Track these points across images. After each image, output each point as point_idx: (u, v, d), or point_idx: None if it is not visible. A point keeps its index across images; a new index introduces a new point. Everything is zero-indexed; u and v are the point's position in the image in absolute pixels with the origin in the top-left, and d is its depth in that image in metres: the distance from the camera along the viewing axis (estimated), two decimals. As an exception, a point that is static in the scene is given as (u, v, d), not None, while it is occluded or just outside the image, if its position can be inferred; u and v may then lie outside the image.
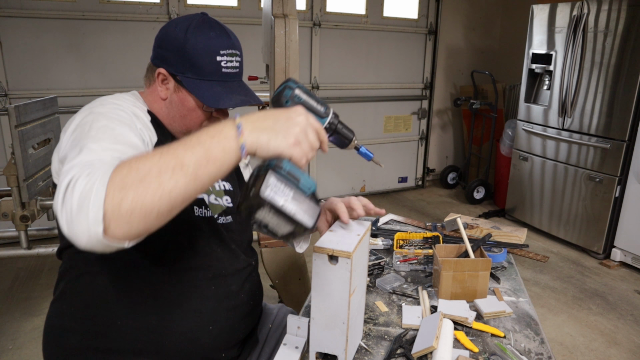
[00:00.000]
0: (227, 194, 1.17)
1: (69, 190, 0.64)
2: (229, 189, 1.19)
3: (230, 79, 1.03)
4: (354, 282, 0.92)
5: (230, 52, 1.01)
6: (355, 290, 0.95)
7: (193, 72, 0.99)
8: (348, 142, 0.97)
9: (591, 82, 3.39)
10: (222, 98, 0.98)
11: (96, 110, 0.89)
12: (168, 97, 1.04)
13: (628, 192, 3.30)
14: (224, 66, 1.00)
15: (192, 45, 0.98)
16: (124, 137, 0.83)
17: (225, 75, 1.01)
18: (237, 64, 1.04)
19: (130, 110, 0.95)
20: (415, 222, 1.89)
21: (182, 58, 0.98)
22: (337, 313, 0.91)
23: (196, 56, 0.98)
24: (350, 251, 0.87)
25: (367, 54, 4.52)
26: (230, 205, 1.15)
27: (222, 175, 0.70)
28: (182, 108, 1.03)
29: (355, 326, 1.01)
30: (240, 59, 1.05)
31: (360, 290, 1.02)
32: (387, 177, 5.02)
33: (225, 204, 1.15)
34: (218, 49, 0.99)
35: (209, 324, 1.03)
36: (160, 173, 0.64)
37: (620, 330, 2.62)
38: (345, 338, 0.93)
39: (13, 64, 3.23)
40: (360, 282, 1.01)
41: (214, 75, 1.00)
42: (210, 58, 0.98)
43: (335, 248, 0.88)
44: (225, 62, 1.00)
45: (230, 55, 1.01)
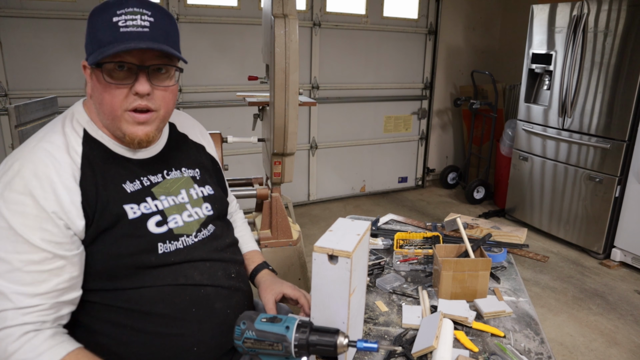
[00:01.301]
0: (206, 201, 1.10)
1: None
2: (210, 194, 1.12)
3: (135, 38, 0.88)
4: (354, 282, 0.92)
5: (131, 10, 0.88)
6: (355, 290, 0.95)
7: (97, 45, 0.88)
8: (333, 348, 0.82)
9: (591, 82, 3.39)
10: (106, 51, 0.86)
11: (1, 233, 0.83)
12: (91, 91, 0.94)
13: (628, 192, 3.30)
14: (122, 25, 0.87)
15: (94, 21, 0.89)
16: (26, 259, 0.83)
17: (125, 35, 0.87)
18: (144, 22, 0.89)
19: (49, 178, 0.86)
20: (415, 222, 1.89)
21: (89, 38, 0.91)
22: (337, 313, 0.91)
23: (96, 28, 0.89)
24: (350, 251, 0.87)
25: (367, 54, 4.52)
26: (210, 213, 1.09)
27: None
28: (98, 93, 0.92)
29: (355, 326, 1.01)
30: (153, 18, 0.90)
31: (360, 289, 1.02)
32: (387, 177, 5.02)
33: (205, 213, 1.08)
34: (114, 11, 0.88)
35: (193, 345, 1.00)
36: None
37: (620, 330, 2.62)
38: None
39: (13, 64, 3.23)
40: (360, 281, 1.01)
41: (112, 39, 0.87)
42: (107, 23, 0.87)
43: (335, 247, 0.88)
44: (124, 22, 0.87)
45: (132, 13, 0.88)
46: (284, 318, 0.84)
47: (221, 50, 3.85)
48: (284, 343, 0.81)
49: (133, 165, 1.00)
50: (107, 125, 0.96)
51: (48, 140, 0.92)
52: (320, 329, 0.83)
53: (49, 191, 0.86)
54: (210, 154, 1.22)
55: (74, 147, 0.93)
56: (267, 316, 0.84)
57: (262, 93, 2.68)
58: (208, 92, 3.88)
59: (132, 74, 0.90)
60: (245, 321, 0.83)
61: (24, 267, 0.83)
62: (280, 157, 2.10)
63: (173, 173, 1.07)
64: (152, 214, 0.98)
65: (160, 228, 0.98)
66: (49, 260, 0.85)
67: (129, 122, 0.94)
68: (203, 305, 1.01)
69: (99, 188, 0.92)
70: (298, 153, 3.73)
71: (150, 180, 1.01)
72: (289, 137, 2.00)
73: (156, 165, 1.04)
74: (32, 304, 0.84)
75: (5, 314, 0.82)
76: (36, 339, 0.83)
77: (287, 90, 1.90)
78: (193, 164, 1.13)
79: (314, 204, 4.57)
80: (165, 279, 0.98)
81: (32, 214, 0.84)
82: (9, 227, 0.83)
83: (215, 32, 3.79)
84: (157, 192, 1.01)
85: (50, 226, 0.85)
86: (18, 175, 0.85)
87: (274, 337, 0.81)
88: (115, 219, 0.92)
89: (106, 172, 0.95)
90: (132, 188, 0.97)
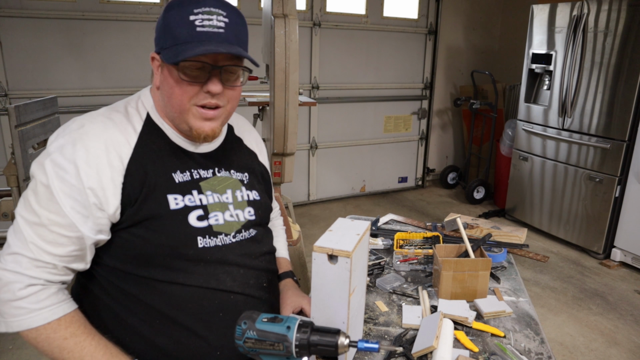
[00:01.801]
0: (250, 205, 1.10)
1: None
2: (255, 199, 1.12)
3: (211, 38, 0.91)
4: (354, 282, 0.92)
5: (208, 9, 0.90)
6: (355, 290, 0.94)
7: (170, 40, 0.91)
8: (334, 348, 0.82)
9: (591, 82, 3.39)
10: (181, 52, 0.88)
11: (39, 188, 0.88)
12: (160, 83, 0.97)
13: (628, 192, 3.30)
14: (198, 24, 0.90)
15: (170, 16, 0.92)
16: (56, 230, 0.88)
17: (201, 34, 0.90)
18: (219, 23, 0.91)
19: (92, 153, 0.89)
20: (415, 222, 1.89)
21: (163, 33, 0.93)
22: (337, 313, 0.91)
23: (172, 24, 0.91)
24: (350, 250, 0.87)
25: (367, 54, 4.52)
26: (252, 217, 1.09)
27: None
28: (169, 87, 0.94)
29: (355, 326, 1.01)
30: (228, 19, 0.92)
31: (360, 289, 1.02)
32: (387, 177, 5.02)
33: (247, 217, 1.08)
34: (191, 9, 0.90)
35: (216, 350, 1.00)
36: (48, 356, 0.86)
37: (620, 330, 2.62)
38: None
39: (13, 64, 3.23)
40: (360, 281, 1.01)
41: (189, 38, 0.90)
42: (184, 20, 0.90)
43: (335, 247, 0.88)
44: (200, 21, 0.90)
45: (208, 13, 0.90)
46: (285, 318, 0.84)
47: (221, 50, 3.85)
48: (285, 343, 0.81)
49: (187, 157, 1.02)
50: (172, 118, 0.99)
51: (108, 116, 0.96)
52: (321, 329, 0.83)
53: (93, 166, 0.89)
54: (262, 162, 1.22)
55: (134, 126, 0.97)
56: (268, 316, 0.84)
57: (262, 93, 2.69)
58: (208, 92, 3.88)
59: (205, 73, 0.93)
60: (246, 321, 0.83)
61: (49, 225, 0.87)
62: (280, 157, 2.10)
63: (223, 172, 1.08)
64: (194, 207, 0.99)
65: (200, 222, 0.99)
66: (72, 228, 0.89)
67: (197, 117, 0.96)
68: (231, 311, 1.01)
69: (149, 173, 0.94)
70: (298, 153, 3.73)
71: (200, 174, 1.03)
72: (289, 137, 2.00)
73: (209, 162, 1.06)
74: (45, 260, 0.88)
75: (21, 258, 0.87)
76: (41, 293, 0.88)
77: (287, 90, 1.90)
78: (243, 168, 1.14)
79: (314, 204, 4.57)
80: (197, 280, 0.98)
81: (70, 183, 0.88)
82: (47, 185, 0.87)
83: (215, 32, 3.79)
84: (204, 187, 1.02)
85: (83, 199, 0.89)
86: (71, 142, 0.90)
87: (275, 337, 0.81)
88: (157, 206, 0.94)
89: (159, 158, 0.97)
90: (182, 178, 0.99)
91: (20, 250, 0.87)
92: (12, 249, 0.88)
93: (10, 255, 0.88)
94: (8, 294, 0.86)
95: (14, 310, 0.86)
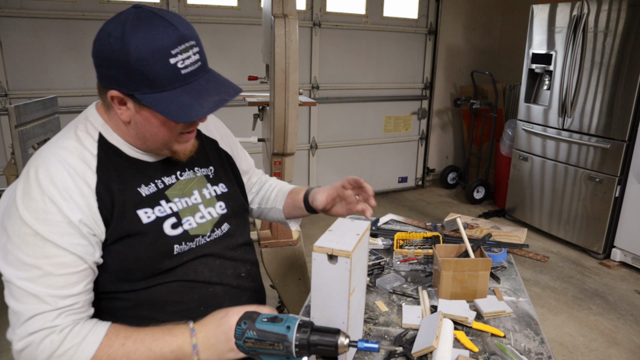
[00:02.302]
0: (220, 199, 1.10)
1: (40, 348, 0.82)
2: (223, 192, 1.12)
3: (194, 77, 0.87)
4: (354, 282, 0.92)
5: (184, 47, 0.84)
6: (355, 290, 0.95)
7: (149, 87, 0.84)
8: (334, 348, 0.82)
9: (591, 82, 3.39)
10: (192, 108, 0.85)
11: (28, 240, 0.83)
12: (131, 119, 0.91)
13: (628, 192, 3.30)
14: (181, 67, 0.84)
15: (136, 56, 0.81)
16: (57, 262, 0.85)
17: (186, 76, 0.86)
18: (196, 56, 0.86)
19: (65, 185, 0.86)
20: (415, 222, 1.89)
21: (130, 74, 0.83)
22: (336, 312, 0.91)
23: (145, 67, 0.82)
24: (350, 250, 0.87)
25: (367, 54, 4.53)
26: (224, 211, 1.09)
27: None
28: (151, 127, 0.90)
29: (355, 325, 1.01)
30: (199, 48, 0.87)
31: (360, 289, 1.02)
32: (387, 177, 5.02)
33: (219, 212, 1.08)
34: (168, 50, 0.82)
35: None
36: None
37: (620, 330, 2.62)
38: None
39: (13, 64, 3.23)
40: (360, 281, 1.01)
41: (174, 83, 0.85)
42: (163, 63, 0.82)
43: (335, 247, 0.88)
44: (181, 62, 0.84)
45: (185, 50, 0.84)
46: (285, 318, 0.84)
47: (221, 50, 3.85)
48: (284, 343, 0.81)
49: (147, 168, 1.00)
50: (152, 149, 0.97)
51: (61, 146, 0.91)
52: (321, 329, 0.83)
53: (69, 199, 0.86)
54: (224, 148, 1.19)
55: (90, 151, 0.93)
56: (268, 316, 0.84)
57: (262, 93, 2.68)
58: (208, 92, 3.88)
59: None
60: (246, 321, 0.83)
61: (55, 271, 0.84)
62: (280, 157, 2.10)
63: (186, 173, 1.07)
64: (167, 217, 0.98)
65: (175, 230, 0.99)
66: (77, 262, 0.87)
67: (181, 142, 0.97)
68: (211, 304, 1.02)
69: (115, 192, 0.92)
70: (298, 153, 3.73)
71: (164, 183, 1.02)
72: (289, 137, 1.99)
73: (170, 166, 1.04)
74: (67, 304, 0.85)
75: (44, 316, 0.83)
76: (76, 328, 0.86)
77: (287, 90, 1.90)
78: (206, 161, 1.13)
79: (314, 204, 4.56)
80: (175, 275, 0.99)
81: (56, 220, 0.84)
82: (34, 234, 0.83)
83: (215, 32, 3.79)
84: (170, 195, 1.02)
85: (76, 231, 0.86)
86: (36, 183, 0.85)
87: (275, 337, 0.81)
88: (131, 224, 0.93)
89: (121, 176, 0.95)
90: (147, 191, 0.98)
91: (38, 310, 0.82)
92: (26, 314, 0.82)
93: (29, 321, 0.82)
94: (47, 350, 0.82)
95: (65, 357, 0.83)
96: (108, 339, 0.85)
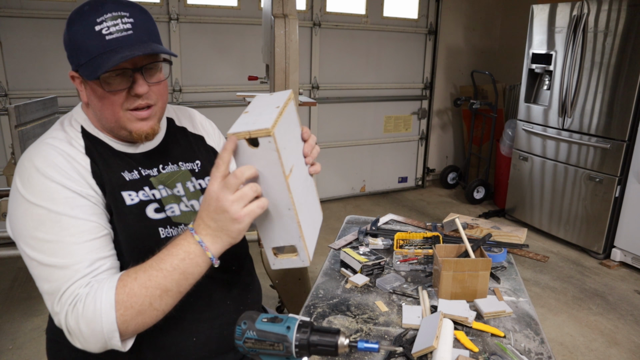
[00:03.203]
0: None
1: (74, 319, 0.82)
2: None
3: (123, 44, 0.89)
4: (288, 162, 0.80)
5: (110, 15, 0.88)
6: (293, 170, 0.82)
7: (83, 56, 0.89)
8: (334, 348, 0.81)
9: (591, 82, 3.39)
10: (100, 65, 0.87)
11: (44, 219, 0.85)
12: (88, 99, 0.96)
13: (628, 192, 3.30)
14: (106, 33, 0.87)
15: (73, 32, 0.89)
16: (76, 232, 0.86)
17: (112, 42, 0.88)
18: (125, 25, 0.89)
19: (61, 166, 0.89)
20: (415, 222, 1.89)
21: (74, 50, 0.90)
22: (278, 200, 0.81)
23: (80, 39, 0.88)
24: (269, 127, 0.74)
25: (367, 54, 4.53)
26: None
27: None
28: (97, 101, 0.94)
29: (308, 211, 0.91)
30: (132, 18, 0.90)
31: (299, 169, 0.89)
32: (387, 177, 5.02)
33: None
34: (94, 19, 0.87)
35: (192, 335, 1.01)
36: (151, 303, 0.83)
37: (620, 330, 2.62)
38: (297, 224, 0.83)
39: (13, 64, 3.23)
40: (297, 160, 0.88)
41: (101, 49, 0.88)
42: (90, 33, 0.87)
43: (252, 129, 0.75)
44: (107, 29, 0.87)
45: (112, 18, 0.88)
46: (285, 318, 0.83)
47: (221, 50, 3.85)
48: (284, 343, 0.81)
49: (130, 159, 1.02)
50: (110, 129, 0.99)
51: (50, 136, 0.96)
52: (321, 329, 0.83)
53: (69, 177, 0.89)
54: (210, 144, 1.21)
55: (76, 139, 0.97)
56: (268, 316, 0.84)
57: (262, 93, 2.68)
58: (208, 92, 3.89)
59: (127, 78, 0.92)
60: (246, 321, 0.83)
61: (77, 240, 0.86)
62: (280, 157, 2.10)
63: (169, 167, 1.08)
64: (150, 201, 0.99)
65: (158, 214, 1.00)
66: (97, 229, 0.89)
67: (132, 121, 0.96)
68: (201, 295, 1.01)
69: (103, 174, 0.95)
70: (298, 153, 3.72)
71: (148, 173, 1.04)
72: (289, 137, 1.99)
73: (152, 160, 1.05)
74: (95, 268, 0.86)
75: (75, 285, 0.84)
76: (95, 286, 0.85)
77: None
78: (192, 156, 1.13)
79: (314, 204, 4.57)
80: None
81: (63, 197, 0.87)
82: (48, 212, 0.86)
83: (215, 32, 3.79)
84: (155, 182, 1.03)
85: (85, 202, 0.89)
86: (35, 171, 0.88)
87: (275, 337, 0.81)
88: (116, 203, 0.95)
89: (106, 161, 0.97)
90: (131, 177, 1.00)
91: (68, 282, 0.83)
92: (59, 290, 0.83)
93: (63, 296, 0.83)
94: (76, 315, 0.82)
95: (89, 313, 0.81)
96: (121, 280, 0.84)
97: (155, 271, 0.83)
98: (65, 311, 0.82)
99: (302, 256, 0.87)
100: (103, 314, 0.81)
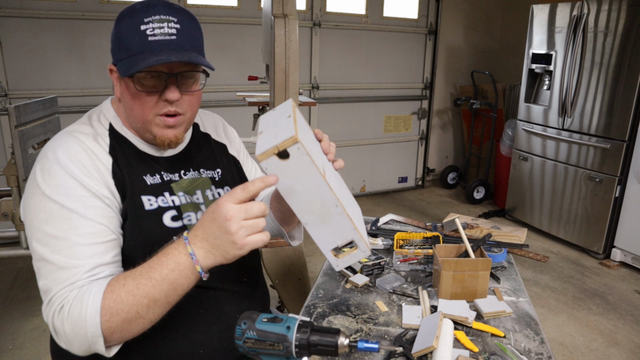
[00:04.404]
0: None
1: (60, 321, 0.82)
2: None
3: (163, 47, 0.90)
4: (319, 163, 0.83)
5: (158, 17, 0.89)
6: (325, 170, 0.84)
7: (124, 52, 0.91)
8: (334, 348, 0.81)
9: (591, 82, 3.39)
10: (136, 63, 0.88)
11: (55, 213, 0.85)
12: (121, 95, 0.97)
13: (628, 192, 3.30)
14: (149, 34, 0.89)
15: (121, 27, 0.91)
16: (84, 232, 0.86)
17: (153, 44, 0.89)
18: (171, 30, 0.90)
19: (83, 162, 0.90)
20: (415, 222, 1.89)
21: (117, 44, 0.92)
22: (323, 201, 0.82)
23: (124, 35, 0.90)
24: (294, 134, 0.76)
25: (367, 54, 4.52)
26: None
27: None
28: (129, 98, 0.94)
29: (350, 204, 0.92)
30: (179, 25, 0.91)
31: (329, 168, 0.91)
32: (387, 177, 5.02)
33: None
34: (141, 18, 0.89)
35: (199, 347, 1.00)
36: (138, 312, 0.82)
37: (620, 330, 2.62)
38: (348, 218, 0.84)
39: (13, 64, 3.23)
40: (323, 160, 0.90)
41: (141, 48, 0.89)
42: (135, 30, 0.89)
43: (277, 142, 0.77)
44: (151, 30, 0.89)
45: (159, 21, 0.89)
46: (285, 318, 0.83)
47: (221, 50, 3.85)
48: (284, 343, 0.81)
49: (154, 162, 1.02)
50: (136, 128, 0.99)
51: (76, 130, 0.96)
52: (321, 329, 0.83)
53: (89, 175, 0.90)
54: (232, 154, 1.20)
55: (102, 137, 0.97)
56: (268, 316, 0.84)
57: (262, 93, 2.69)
58: (208, 92, 3.88)
59: (161, 81, 0.93)
60: (246, 321, 0.83)
61: (83, 241, 0.86)
62: (280, 157, 2.10)
63: (191, 173, 1.07)
64: (168, 208, 0.99)
65: (175, 222, 0.99)
66: (105, 232, 0.89)
67: (160, 126, 0.97)
68: (212, 307, 1.01)
69: (125, 175, 0.95)
70: (298, 153, 3.72)
71: (170, 177, 1.04)
72: (289, 137, 1.99)
73: (175, 165, 1.06)
74: (94, 274, 0.86)
75: (70, 287, 0.84)
76: (82, 289, 0.84)
77: (287, 90, 1.90)
78: (213, 164, 1.13)
79: (314, 204, 4.56)
80: None
81: (79, 194, 0.87)
82: (61, 207, 0.86)
83: (215, 32, 3.79)
84: (175, 188, 1.03)
85: (99, 203, 0.89)
86: (56, 162, 0.89)
87: (275, 337, 0.81)
88: (134, 207, 0.95)
89: (130, 163, 0.98)
90: (152, 181, 1.00)
91: (65, 282, 0.83)
92: (55, 289, 0.83)
93: (56, 295, 0.83)
94: (63, 317, 0.81)
95: (75, 317, 0.81)
96: (110, 286, 0.84)
97: (144, 279, 0.82)
98: (52, 311, 0.83)
99: (361, 247, 0.88)
100: (88, 319, 0.80)
